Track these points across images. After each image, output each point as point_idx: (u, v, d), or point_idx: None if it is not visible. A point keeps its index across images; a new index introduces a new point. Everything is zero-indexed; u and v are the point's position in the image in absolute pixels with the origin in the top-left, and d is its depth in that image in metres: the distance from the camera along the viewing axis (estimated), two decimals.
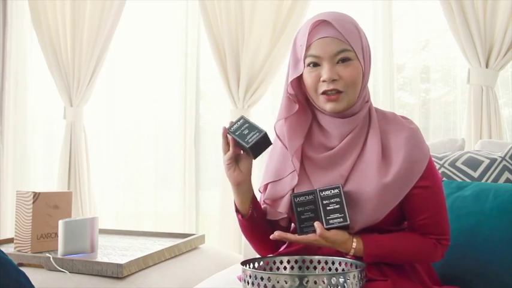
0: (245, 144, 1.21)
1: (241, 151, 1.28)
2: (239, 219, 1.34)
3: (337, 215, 1.17)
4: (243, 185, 1.30)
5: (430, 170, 1.23)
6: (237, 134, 1.24)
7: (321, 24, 1.21)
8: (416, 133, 1.24)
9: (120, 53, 3.15)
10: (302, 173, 1.28)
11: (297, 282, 1.01)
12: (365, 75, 1.24)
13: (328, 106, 1.22)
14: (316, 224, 1.16)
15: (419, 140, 1.23)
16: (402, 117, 1.30)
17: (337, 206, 1.17)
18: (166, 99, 3.15)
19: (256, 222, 1.32)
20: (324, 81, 1.20)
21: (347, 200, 1.19)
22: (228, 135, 1.26)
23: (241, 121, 1.25)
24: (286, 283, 1.02)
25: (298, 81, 1.27)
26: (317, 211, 1.19)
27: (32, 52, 3.36)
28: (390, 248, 1.21)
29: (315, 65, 1.21)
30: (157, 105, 3.15)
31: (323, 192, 1.19)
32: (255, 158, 1.25)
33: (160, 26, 3.11)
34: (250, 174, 1.30)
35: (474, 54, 2.27)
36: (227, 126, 1.26)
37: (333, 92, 1.20)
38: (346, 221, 1.16)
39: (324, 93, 1.21)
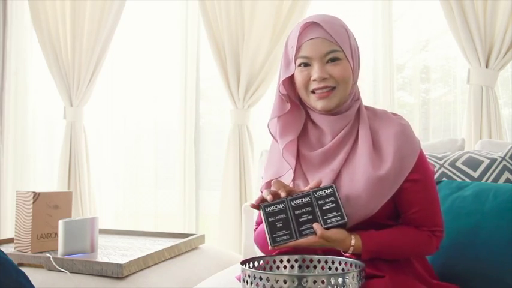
0: (270, 240, 1.13)
1: None
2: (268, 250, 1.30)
3: (334, 213, 1.16)
4: None
5: (421, 163, 1.26)
6: (269, 220, 1.14)
7: (310, 26, 1.26)
8: (406, 128, 1.27)
9: (120, 53, 3.15)
10: (299, 171, 1.31)
11: (296, 283, 1.01)
12: (354, 74, 1.27)
13: (320, 104, 1.25)
14: (315, 225, 1.16)
15: (408, 134, 1.26)
16: (393, 114, 1.33)
17: (333, 205, 1.17)
18: (166, 98, 3.15)
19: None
20: (314, 80, 1.24)
21: (342, 198, 1.19)
22: (260, 209, 1.17)
23: (280, 206, 1.16)
24: (285, 283, 1.02)
25: (291, 81, 1.31)
26: (314, 212, 1.17)
27: (32, 52, 3.36)
28: (387, 243, 1.22)
29: (306, 65, 1.26)
30: (157, 104, 3.15)
31: (317, 193, 1.18)
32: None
33: (160, 26, 3.11)
34: None
35: (474, 54, 2.27)
36: (266, 197, 1.17)
37: (324, 90, 1.24)
38: (344, 219, 1.16)
39: (314, 91, 1.25)
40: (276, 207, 1.16)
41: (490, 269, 1.44)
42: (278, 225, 1.15)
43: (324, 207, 1.17)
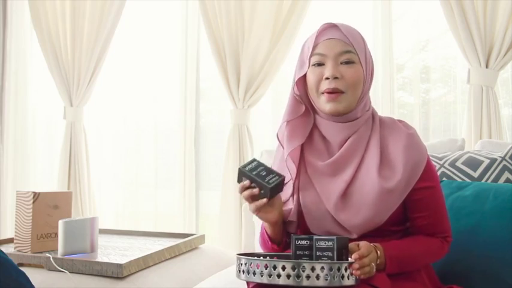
0: (266, 184, 1.18)
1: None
2: (275, 249, 1.30)
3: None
4: (279, 221, 1.27)
5: (429, 170, 1.27)
6: (254, 173, 1.20)
7: (329, 27, 1.28)
8: (414, 137, 1.28)
9: (120, 53, 3.15)
10: (306, 180, 1.30)
11: (295, 270, 1.01)
12: (366, 82, 1.27)
13: (328, 106, 1.25)
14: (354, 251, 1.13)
15: (417, 143, 1.28)
16: (399, 121, 1.33)
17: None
18: (166, 99, 3.15)
19: (288, 245, 1.31)
20: (326, 78, 1.24)
21: (352, 208, 1.21)
22: (243, 176, 1.20)
23: (255, 163, 1.22)
24: (283, 270, 1.01)
25: (303, 85, 1.31)
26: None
27: (32, 52, 3.36)
28: (408, 253, 1.22)
29: (319, 64, 1.26)
30: (157, 105, 3.15)
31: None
32: (270, 199, 1.20)
33: (160, 26, 3.11)
34: (282, 207, 1.27)
35: (474, 54, 2.27)
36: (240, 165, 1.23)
37: (333, 92, 1.23)
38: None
39: (324, 92, 1.24)
40: (253, 164, 1.22)
41: (490, 269, 1.44)
42: (263, 174, 1.20)
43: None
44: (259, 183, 1.19)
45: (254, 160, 1.23)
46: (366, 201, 1.22)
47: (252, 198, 1.20)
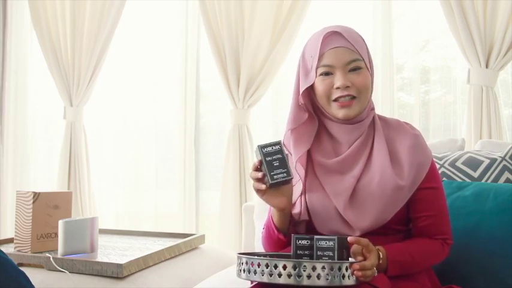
0: (269, 177, 1.18)
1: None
2: (280, 239, 1.30)
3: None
4: (287, 209, 1.27)
5: (433, 172, 1.30)
6: (267, 159, 1.19)
7: (332, 35, 1.27)
8: (420, 138, 1.31)
9: (120, 53, 3.15)
10: (313, 179, 1.31)
11: (296, 269, 1.01)
12: (372, 84, 1.30)
13: (341, 112, 1.26)
14: (350, 239, 1.13)
15: (422, 144, 1.30)
16: (405, 123, 1.36)
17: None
18: (166, 99, 3.16)
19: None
20: (337, 88, 1.24)
21: (359, 205, 1.21)
22: (257, 152, 1.21)
23: (277, 147, 1.20)
24: (284, 269, 1.01)
25: (307, 91, 1.31)
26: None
27: (32, 52, 3.36)
28: (409, 255, 1.22)
29: (327, 74, 1.26)
30: (157, 105, 3.15)
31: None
32: (270, 187, 1.21)
33: (160, 26, 3.11)
34: (292, 195, 1.27)
35: (474, 54, 2.27)
36: (260, 143, 1.21)
37: (346, 98, 1.24)
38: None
39: (336, 100, 1.26)
40: (273, 147, 1.20)
41: (490, 268, 1.44)
42: (275, 164, 1.19)
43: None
44: (265, 172, 1.19)
45: (278, 143, 1.21)
46: (375, 197, 1.23)
47: (256, 179, 1.21)
